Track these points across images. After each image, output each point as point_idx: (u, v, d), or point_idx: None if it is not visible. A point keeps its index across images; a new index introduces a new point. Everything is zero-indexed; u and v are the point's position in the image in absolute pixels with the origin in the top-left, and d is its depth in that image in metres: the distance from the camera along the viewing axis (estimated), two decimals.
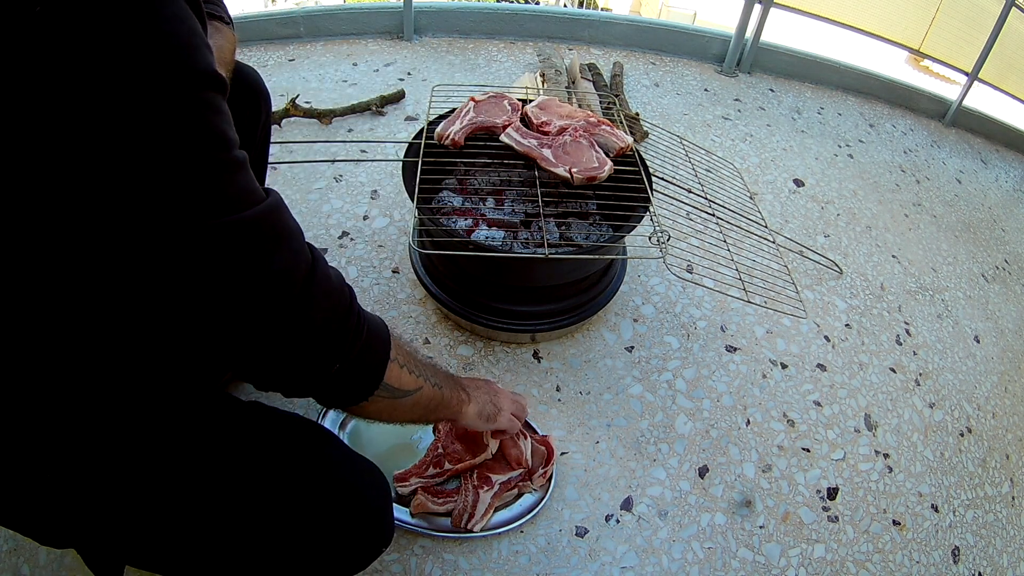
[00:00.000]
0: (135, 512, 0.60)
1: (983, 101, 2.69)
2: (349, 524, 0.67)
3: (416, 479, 1.03)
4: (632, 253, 1.45)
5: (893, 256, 1.83)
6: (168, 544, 0.62)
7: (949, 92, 2.71)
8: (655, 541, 1.09)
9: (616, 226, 1.20)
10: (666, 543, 1.09)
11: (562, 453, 1.17)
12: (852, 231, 1.87)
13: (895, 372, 1.48)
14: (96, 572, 0.70)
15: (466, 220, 1.22)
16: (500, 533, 1.03)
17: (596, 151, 1.16)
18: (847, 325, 1.56)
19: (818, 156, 2.18)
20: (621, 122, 1.36)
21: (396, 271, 1.48)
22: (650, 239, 1.06)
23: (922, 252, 1.88)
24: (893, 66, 3.69)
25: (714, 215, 1.41)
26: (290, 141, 1.70)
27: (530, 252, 1.15)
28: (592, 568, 1.04)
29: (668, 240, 1.06)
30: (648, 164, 1.26)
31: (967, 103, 2.63)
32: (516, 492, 1.07)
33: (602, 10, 4.27)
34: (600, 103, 1.98)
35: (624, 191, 1.15)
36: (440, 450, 1.06)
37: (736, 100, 2.40)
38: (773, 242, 1.55)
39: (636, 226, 1.16)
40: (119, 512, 0.60)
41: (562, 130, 1.19)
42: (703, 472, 1.20)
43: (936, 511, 1.24)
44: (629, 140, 1.21)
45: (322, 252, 1.50)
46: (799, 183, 2.01)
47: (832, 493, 1.21)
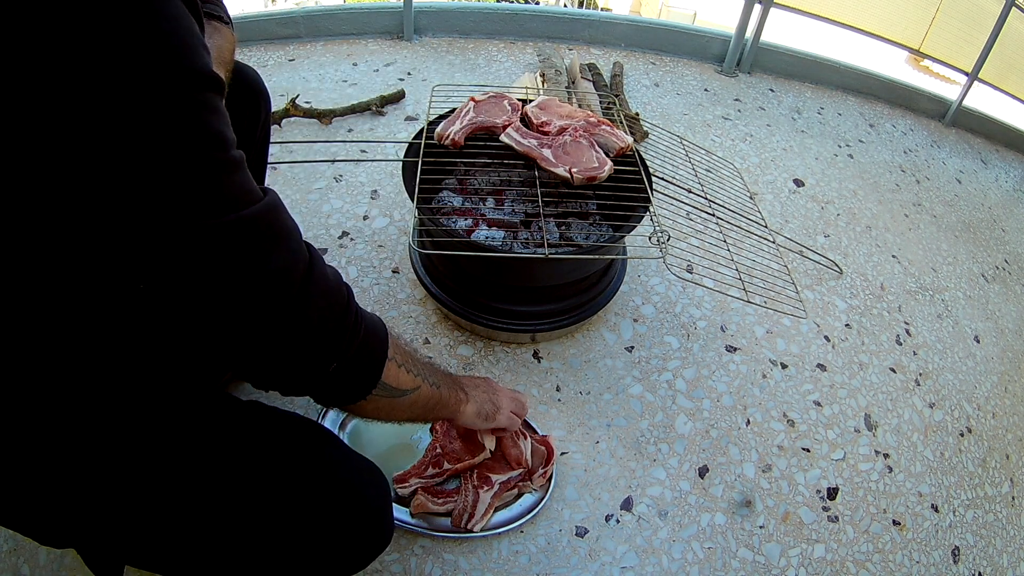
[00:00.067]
0: (135, 512, 0.60)
1: (983, 101, 2.69)
2: (348, 524, 0.67)
3: (416, 479, 1.03)
4: (632, 253, 1.45)
5: (893, 256, 1.83)
6: (167, 544, 0.62)
7: (949, 92, 2.71)
8: (655, 541, 1.09)
9: (616, 226, 1.20)
10: (666, 543, 1.09)
11: (562, 453, 1.17)
12: (852, 231, 1.87)
13: (895, 372, 1.48)
14: (96, 572, 0.70)
15: (466, 220, 1.22)
16: (500, 533, 1.03)
17: (596, 151, 1.16)
18: (847, 325, 1.56)
19: (818, 156, 2.18)
20: (621, 122, 1.36)
21: (396, 271, 1.48)
22: (650, 239, 1.06)
23: (922, 252, 1.88)
24: (893, 66, 3.69)
25: (714, 215, 1.41)
26: (290, 141, 1.70)
27: (530, 252, 1.15)
28: (592, 568, 1.04)
29: (668, 240, 1.06)
30: (648, 164, 1.25)
31: (967, 103, 2.63)
32: (516, 492, 1.07)
33: (602, 10, 4.27)
34: (600, 103, 1.98)
35: (624, 191, 1.15)
36: (439, 450, 1.06)
37: (736, 100, 2.40)
38: (773, 242, 1.55)
39: (636, 226, 1.16)
40: (119, 512, 0.60)
41: (562, 130, 1.19)
42: (703, 472, 1.20)
43: (936, 511, 1.24)
44: (629, 140, 1.21)
45: (322, 252, 1.50)
46: (799, 183, 2.01)
47: (832, 493, 1.21)
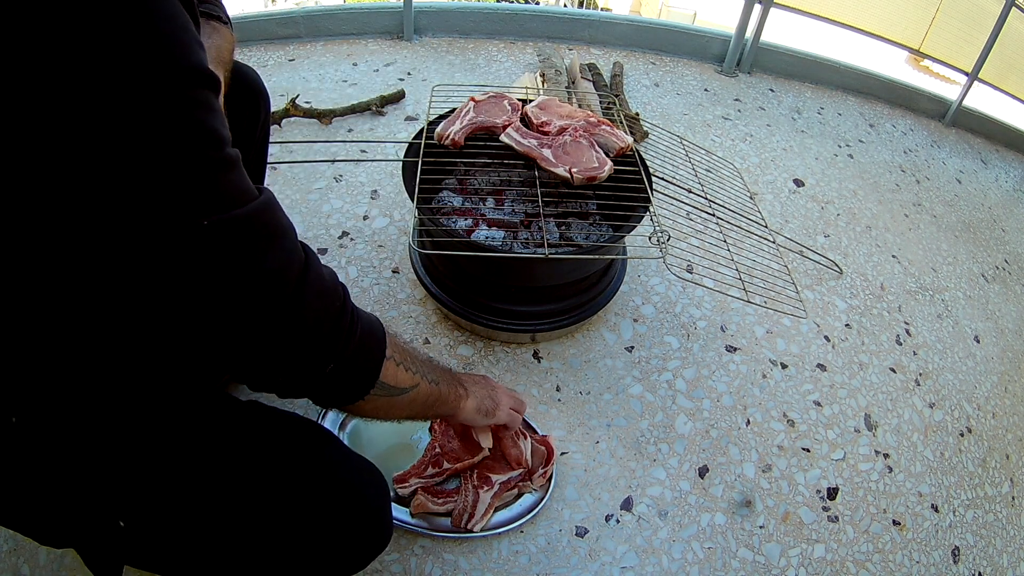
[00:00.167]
0: (134, 512, 0.60)
1: (983, 101, 2.69)
2: (348, 524, 0.67)
3: (416, 479, 1.03)
4: (632, 253, 1.45)
5: (893, 256, 1.83)
6: (167, 544, 0.62)
7: (949, 92, 2.71)
8: (655, 541, 1.09)
9: (616, 226, 1.20)
10: (666, 543, 1.09)
11: (562, 453, 1.17)
12: (852, 231, 1.87)
13: (895, 372, 1.48)
14: (95, 572, 0.70)
15: (466, 220, 1.22)
16: (500, 533, 1.03)
17: (596, 151, 1.16)
18: (847, 325, 1.56)
19: (818, 156, 2.18)
20: (621, 122, 1.36)
21: (396, 271, 1.48)
22: (650, 239, 1.06)
23: (922, 252, 1.88)
24: (893, 66, 3.69)
25: (714, 215, 1.41)
26: (290, 141, 1.70)
27: (530, 252, 1.15)
28: (592, 568, 1.04)
29: (668, 240, 1.06)
30: (648, 164, 1.25)
31: (967, 103, 2.63)
32: (516, 492, 1.07)
33: (602, 10, 4.27)
34: (600, 103, 1.98)
35: (624, 191, 1.15)
36: (438, 450, 1.06)
37: (736, 100, 2.40)
38: (773, 242, 1.55)
39: (636, 226, 1.16)
40: (118, 512, 0.60)
41: (562, 130, 1.19)
42: (703, 472, 1.20)
43: (936, 511, 1.24)
44: (629, 140, 1.21)
45: (322, 252, 1.50)
46: (799, 183, 2.01)
47: (832, 493, 1.21)
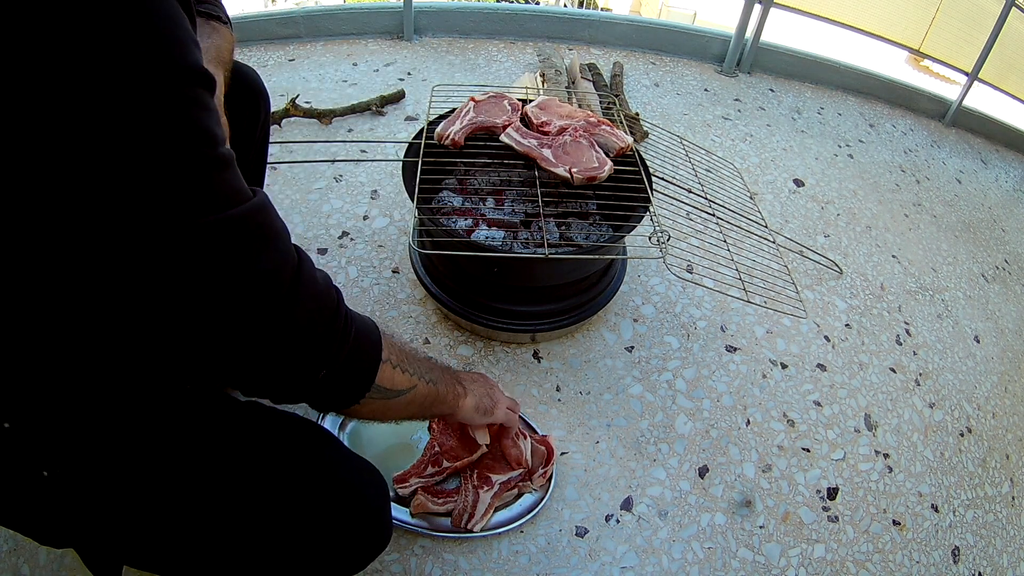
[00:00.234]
0: (133, 512, 0.60)
1: (983, 101, 2.69)
2: (347, 525, 0.66)
3: (416, 479, 1.03)
4: (632, 253, 1.45)
5: (893, 256, 1.83)
6: (166, 544, 0.62)
7: (949, 92, 2.71)
8: (655, 541, 1.09)
9: (616, 226, 1.20)
10: (666, 543, 1.09)
11: (562, 453, 1.17)
12: (852, 231, 1.87)
13: (895, 372, 1.48)
14: (95, 572, 0.70)
15: (466, 220, 1.22)
16: (500, 533, 1.03)
17: (596, 151, 1.16)
18: (847, 325, 1.56)
19: (818, 156, 2.18)
20: (621, 122, 1.36)
21: (396, 271, 1.48)
22: (650, 239, 1.06)
23: (922, 252, 1.88)
24: (893, 66, 3.69)
25: (714, 215, 1.41)
26: (290, 141, 1.70)
27: (530, 252, 1.15)
28: (592, 568, 1.04)
29: (668, 240, 1.06)
30: (648, 164, 1.25)
31: (967, 103, 2.63)
32: (516, 492, 1.07)
33: (602, 10, 4.27)
34: (600, 103, 1.98)
35: (624, 191, 1.15)
36: (437, 448, 1.06)
37: (736, 100, 2.40)
38: (773, 242, 1.55)
39: (636, 226, 1.16)
40: (117, 513, 0.60)
41: (562, 130, 1.19)
42: (703, 472, 1.20)
43: (936, 511, 1.24)
44: (629, 140, 1.21)
45: (322, 252, 1.50)
46: (799, 183, 2.01)
47: (832, 493, 1.21)
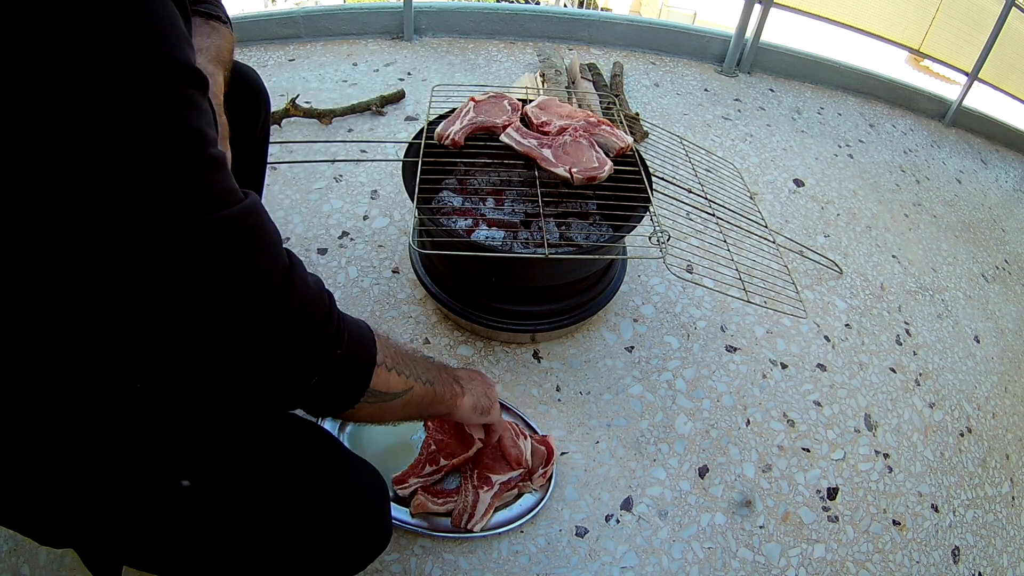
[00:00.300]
0: (133, 513, 0.60)
1: (983, 101, 2.69)
2: (347, 525, 0.66)
3: (415, 479, 1.03)
4: (632, 253, 1.45)
5: (893, 256, 1.83)
6: (165, 545, 0.62)
7: (949, 92, 2.70)
8: (655, 541, 1.09)
9: (616, 226, 1.20)
10: (666, 543, 1.09)
11: (562, 453, 1.17)
12: (852, 231, 1.87)
13: (895, 372, 1.48)
14: (94, 572, 0.70)
15: (466, 220, 1.22)
16: (500, 533, 1.03)
17: (596, 151, 1.16)
18: (847, 325, 1.56)
19: (818, 156, 2.18)
20: (621, 122, 1.36)
21: (396, 271, 1.48)
22: (650, 239, 1.06)
23: (922, 252, 1.88)
24: (893, 66, 3.69)
25: (714, 215, 1.41)
26: (290, 141, 1.70)
27: (530, 252, 1.15)
28: (592, 568, 1.04)
29: (668, 240, 1.06)
30: (648, 164, 1.25)
31: (967, 103, 2.63)
32: (516, 492, 1.07)
33: (602, 10, 4.27)
34: (600, 103, 1.98)
35: (624, 191, 1.15)
36: (433, 447, 1.06)
37: (736, 100, 2.40)
38: (773, 242, 1.55)
39: (636, 226, 1.16)
40: (117, 513, 0.60)
41: (562, 130, 1.19)
42: (703, 472, 1.20)
43: (936, 511, 1.24)
44: (629, 140, 1.21)
45: (322, 252, 1.50)
46: (799, 183, 2.01)
47: (832, 493, 1.21)
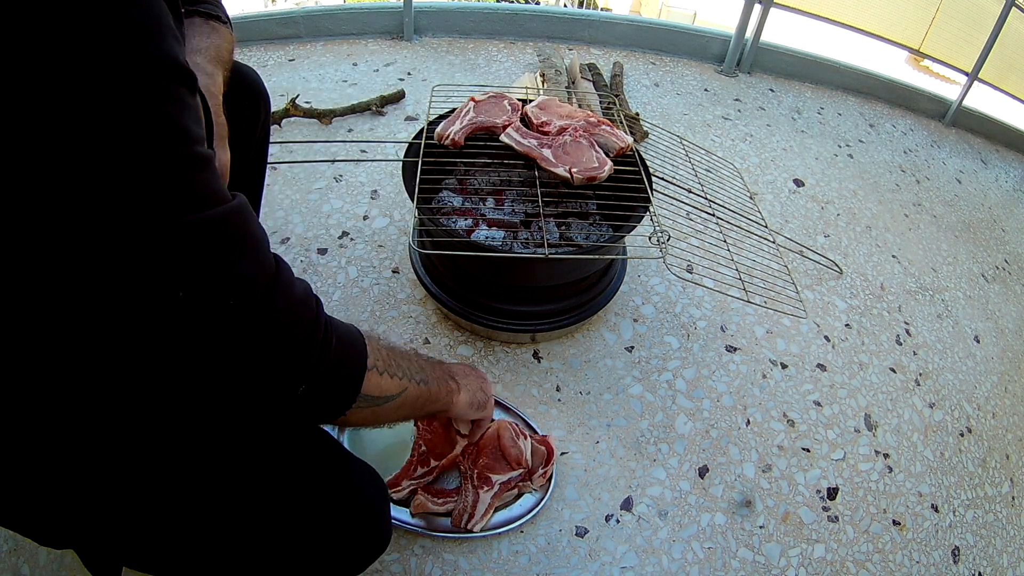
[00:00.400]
0: (132, 514, 0.60)
1: (983, 101, 2.69)
2: (347, 527, 0.66)
3: (407, 481, 1.03)
4: (632, 253, 1.45)
5: (893, 256, 1.83)
6: (165, 546, 0.62)
7: (949, 92, 2.70)
8: (655, 541, 1.09)
9: (616, 226, 1.20)
10: (666, 543, 1.09)
11: (562, 453, 1.17)
12: (852, 231, 1.87)
13: (895, 372, 1.48)
14: (94, 573, 0.70)
15: (466, 220, 1.22)
16: (500, 533, 1.03)
17: (596, 151, 1.16)
18: (847, 325, 1.56)
19: (818, 156, 2.18)
20: (621, 122, 1.36)
21: (396, 271, 1.48)
22: (650, 239, 1.06)
23: (922, 252, 1.88)
24: (893, 66, 3.69)
25: (714, 215, 1.41)
26: (290, 141, 1.70)
27: (530, 252, 1.15)
28: (592, 568, 1.04)
29: (668, 240, 1.06)
30: (648, 164, 1.25)
31: (967, 103, 2.63)
32: (516, 492, 1.07)
33: (602, 10, 4.27)
34: (600, 103, 1.98)
35: (624, 191, 1.15)
36: (423, 448, 1.06)
37: (736, 100, 2.40)
38: (773, 242, 1.55)
39: (636, 226, 1.16)
40: (117, 514, 0.59)
41: (562, 130, 1.19)
42: (703, 472, 1.20)
43: (936, 511, 1.24)
44: (629, 140, 1.21)
45: (322, 252, 1.50)
46: (799, 183, 2.01)
47: (832, 493, 1.21)
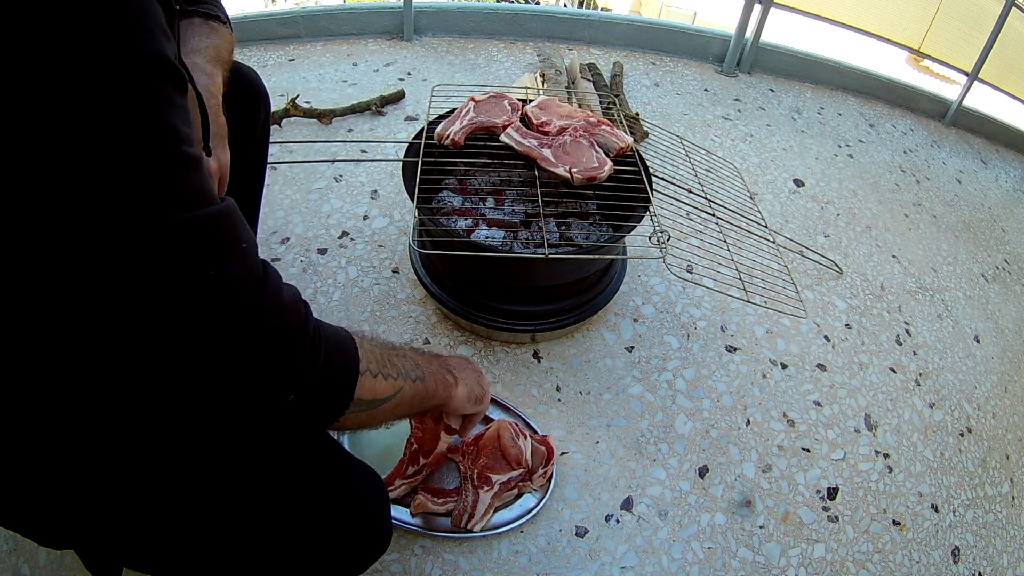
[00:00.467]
0: (133, 515, 0.60)
1: (983, 101, 2.69)
2: (348, 527, 0.66)
3: (400, 480, 1.03)
4: (632, 253, 1.45)
5: (893, 256, 1.83)
6: (164, 548, 0.62)
7: (949, 92, 2.71)
8: (655, 541, 1.09)
9: (616, 226, 1.20)
10: (666, 543, 1.09)
11: (562, 453, 1.17)
12: (852, 231, 1.87)
13: (895, 372, 1.48)
14: (94, 573, 0.70)
15: (466, 220, 1.22)
16: (500, 533, 1.03)
17: (596, 151, 1.16)
18: (847, 325, 1.56)
19: (818, 156, 2.18)
20: (621, 122, 1.36)
21: (396, 271, 1.48)
22: (650, 239, 1.06)
23: (922, 252, 1.88)
24: (893, 66, 3.69)
25: (714, 215, 1.41)
26: (290, 141, 1.70)
27: (530, 252, 1.15)
28: (592, 568, 1.04)
29: (668, 240, 1.06)
30: (648, 164, 1.25)
31: (967, 103, 2.63)
32: (516, 492, 1.07)
33: (602, 10, 4.27)
34: (600, 103, 1.98)
35: (624, 191, 1.15)
36: (415, 445, 1.05)
37: (736, 100, 2.40)
38: (773, 242, 1.55)
39: (636, 226, 1.16)
40: (117, 515, 0.59)
41: (562, 130, 1.19)
42: (703, 472, 1.20)
43: (936, 511, 1.24)
44: (629, 140, 1.21)
45: (322, 252, 1.50)
46: (799, 183, 2.01)
47: (832, 493, 1.21)
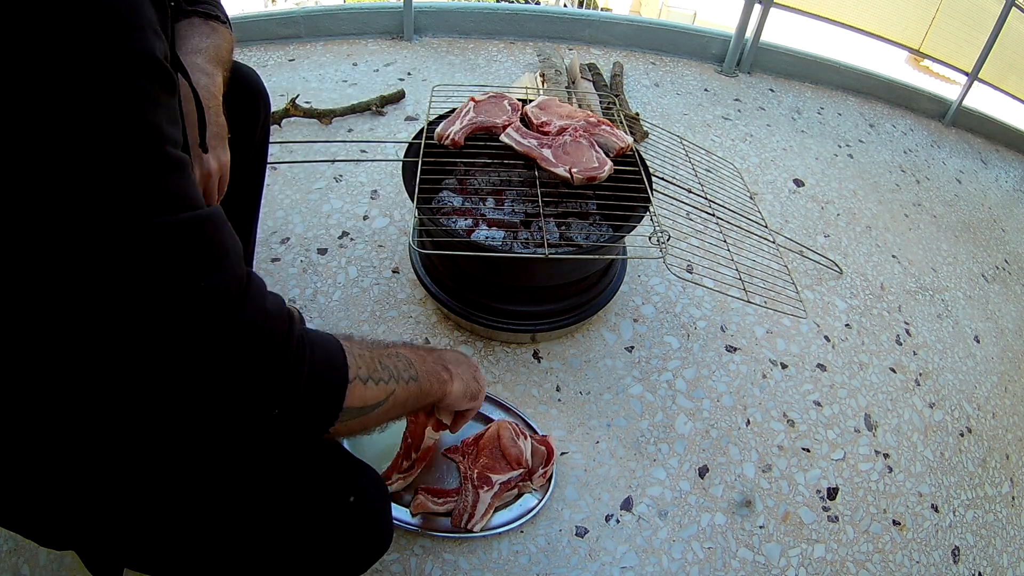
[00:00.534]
0: (133, 516, 0.60)
1: (983, 101, 2.69)
2: (348, 528, 0.66)
3: (396, 475, 1.03)
4: (632, 253, 1.45)
5: (893, 256, 1.83)
6: (165, 548, 0.62)
7: (949, 92, 2.71)
8: (655, 541, 1.09)
9: (616, 226, 1.20)
10: (666, 543, 1.09)
11: (562, 453, 1.17)
12: (852, 231, 1.87)
13: (895, 372, 1.48)
14: (95, 574, 0.70)
15: (466, 220, 1.22)
16: (500, 533, 1.03)
17: (596, 151, 1.16)
18: (847, 325, 1.56)
19: (818, 156, 2.18)
20: (621, 122, 1.36)
21: (396, 271, 1.48)
22: (650, 239, 1.06)
23: (922, 252, 1.88)
24: (893, 66, 3.69)
25: (714, 215, 1.41)
26: (290, 141, 1.70)
27: (530, 252, 1.15)
28: (592, 568, 1.04)
29: (668, 240, 1.06)
30: (648, 164, 1.25)
31: (967, 103, 2.63)
32: (516, 492, 1.07)
33: (602, 10, 4.27)
34: (600, 103, 1.98)
35: (624, 191, 1.15)
36: (409, 440, 1.05)
37: (736, 100, 2.40)
38: (773, 242, 1.55)
39: (636, 226, 1.16)
40: (118, 516, 0.59)
41: (562, 130, 1.19)
42: (703, 472, 1.20)
43: (936, 511, 1.24)
44: (629, 140, 1.21)
45: (322, 252, 1.50)
46: (799, 183, 2.01)
47: (832, 493, 1.21)
